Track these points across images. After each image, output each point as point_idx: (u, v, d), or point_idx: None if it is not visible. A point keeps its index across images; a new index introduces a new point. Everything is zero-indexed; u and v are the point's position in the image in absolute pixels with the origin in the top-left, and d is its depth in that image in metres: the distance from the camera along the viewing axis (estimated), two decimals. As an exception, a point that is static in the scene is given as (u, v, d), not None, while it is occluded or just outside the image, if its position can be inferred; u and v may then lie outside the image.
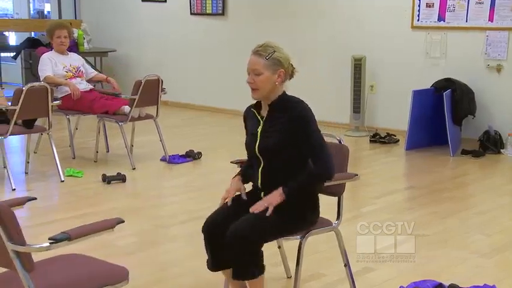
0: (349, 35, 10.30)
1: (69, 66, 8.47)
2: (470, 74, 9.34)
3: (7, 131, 7.19)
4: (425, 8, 9.74)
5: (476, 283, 4.83)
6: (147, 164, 8.38)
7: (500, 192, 7.61)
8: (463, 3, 9.38)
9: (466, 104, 9.12)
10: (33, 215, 6.35)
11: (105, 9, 13.63)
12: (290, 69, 4.17)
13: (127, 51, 13.34)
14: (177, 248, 5.87)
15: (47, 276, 3.47)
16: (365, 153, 9.17)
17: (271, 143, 4.08)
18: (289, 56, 4.14)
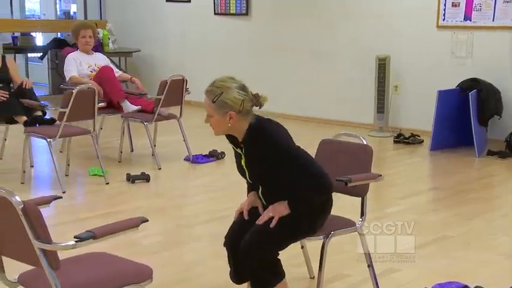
0: (373, 35, 10.28)
1: (94, 65, 8.52)
2: (496, 74, 9.31)
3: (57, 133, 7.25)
4: (451, 8, 9.70)
5: (502, 286, 4.82)
6: (170, 164, 8.40)
7: (527, 193, 7.59)
8: (490, 2, 9.34)
9: (493, 105, 9.09)
10: (59, 214, 6.38)
11: (130, 10, 13.69)
12: (245, 106, 4.09)
13: (151, 51, 13.38)
14: (200, 248, 5.89)
15: (72, 275, 3.51)
16: (389, 154, 9.15)
17: (258, 174, 4.09)
18: (240, 92, 4.10)
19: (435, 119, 9.09)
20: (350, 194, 4.45)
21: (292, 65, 11.28)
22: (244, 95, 4.11)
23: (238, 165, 4.22)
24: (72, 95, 7.18)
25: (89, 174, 7.87)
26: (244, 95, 4.11)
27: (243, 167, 4.14)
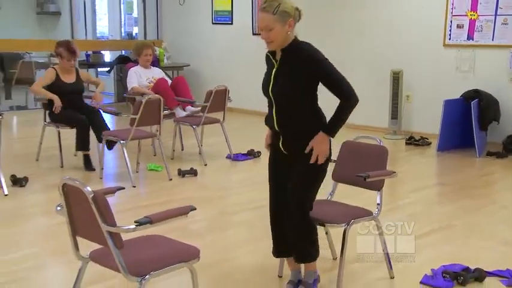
0: (388, 51, 10.26)
1: (152, 78, 8.62)
2: (495, 86, 9.24)
3: (128, 136, 7.33)
4: (456, 29, 9.65)
5: (499, 267, 4.82)
6: (214, 161, 8.42)
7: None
8: (490, 24, 9.29)
9: (491, 112, 9.05)
10: (123, 201, 6.45)
11: (182, 31, 13.74)
12: (297, 14, 4.03)
13: (199, 65, 13.42)
14: (239, 233, 5.92)
15: (133, 253, 3.55)
16: (401, 154, 9.11)
17: (283, 86, 4.04)
18: (293, 2, 4.01)
19: (441, 124, 9.04)
20: (368, 188, 4.46)
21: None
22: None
23: (265, 76, 4.20)
24: (142, 103, 7.28)
25: (147, 169, 7.97)
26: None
27: (270, 78, 4.10)
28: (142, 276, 3.42)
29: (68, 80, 7.76)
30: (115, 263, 3.40)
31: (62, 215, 3.62)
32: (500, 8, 9.19)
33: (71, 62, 7.73)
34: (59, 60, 7.72)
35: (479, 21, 9.44)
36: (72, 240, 3.65)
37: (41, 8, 17.13)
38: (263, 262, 4.94)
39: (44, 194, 6.95)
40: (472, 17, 9.51)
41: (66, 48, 7.72)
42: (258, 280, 4.72)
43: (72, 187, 3.43)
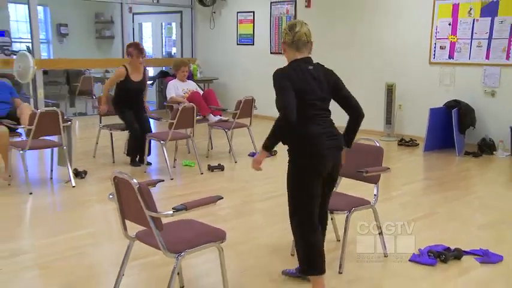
0: (384, 67, 10.21)
1: (187, 89, 8.63)
2: (471, 97, 9.18)
3: (167, 137, 7.35)
4: (439, 49, 9.60)
5: (474, 248, 4.81)
6: (239, 158, 8.39)
7: (494, 182, 7.49)
8: (467, 46, 9.24)
9: (469, 119, 9.02)
10: (162, 191, 6.47)
11: (212, 51, 13.75)
12: (287, 38, 3.86)
13: (226, 79, 13.41)
14: (258, 218, 5.92)
15: (171, 234, 3.57)
16: (394, 153, 9.05)
17: None
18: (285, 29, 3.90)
19: (427, 128, 9.02)
20: (367, 182, 4.46)
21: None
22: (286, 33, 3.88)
23: None
24: (178, 110, 7.30)
25: (182, 165, 7.96)
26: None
27: None
28: (178, 253, 3.42)
29: (136, 79, 7.70)
30: (156, 242, 3.41)
31: (113, 202, 3.64)
32: (475, 33, 9.14)
33: (139, 59, 7.66)
34: (130, 59, 7.67)
35: (458, 44, 9.38)
36: (122, 222, 3.67)
37: (99, 34, 17.25)
38: (278, 242, 4.95)
39: (99, 184, 6.98)
40: (452, 40, 9.45)
41: (136, 48, 7.71)
42: (273, 257, 4.70)
43: (122, 179, 3.44)
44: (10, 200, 6.34)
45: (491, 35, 9.00)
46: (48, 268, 4.50)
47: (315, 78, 3.77)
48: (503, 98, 9.00)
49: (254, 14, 12.64)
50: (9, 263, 4.56)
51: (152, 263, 4.40)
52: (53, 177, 7.23)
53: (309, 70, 3.79)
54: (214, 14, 13.49)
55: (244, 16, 12.86)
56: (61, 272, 4.43)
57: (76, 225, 5.53)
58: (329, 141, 3.75)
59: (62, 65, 13.76)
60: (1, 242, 5.01)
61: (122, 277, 3.81)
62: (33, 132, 6.54)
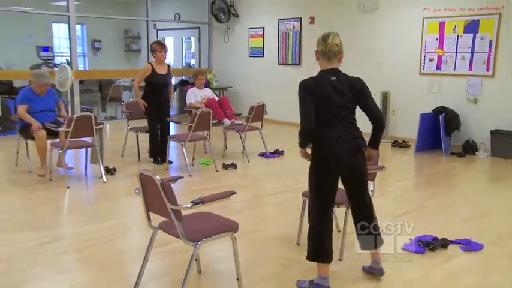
0: (379, 77, 10.15)
1: (204, 96, 8.62)
2: (456, 104, 9.15)
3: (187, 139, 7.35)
4: (428, 61, 9.56)
5: (458, 237, 4.81)
6: (250, 157, 8.39)
7: (476, 180, 7.46)
8: (452, 59, 9.22)
9: (454, 123, 9.00)
10: (182, 186, 6.46)
11: (226, 62, 13.74)
12: (319, 48, 3.80)
13: (239, 87, 13.39)
14: (268, 211, 5.91)
15: (190, 225, 3.57)
16: (388, 154, 9.02)
17: None
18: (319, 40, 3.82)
19: (418, 131, 9.00)
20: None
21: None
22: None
23: None
24: (196, 115, 7.32)
25: (200, 163, 7.95)
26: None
27: None
28: (196, 242, 3.43)
29: (161, 71, 7.68)
30: (177, 232, 3.42)
31: (139, 196, 3.65)
32: (459, 48, 9.12)
33: (162, 53, 7.65)
34: (154, 55, 7.67)
35: (444, 57, 9.34)
36: (146, 214, 3.67)
37: (127, 47, 17.33)
38: (286, 232, 4.95)
39: (126, 180, 6.99)
40: (439, 53, 9.41)
41: (158, 43, 7.76)
42: (281, 245, 4.70)
43: (146, 176, 3.45)
44: (51, 194, 6.38)
45: (473, 49, 8.97)
46: (84, 252, 4.53)
47: (335, 87, 3.70)
48: (484, 105, 8.96)
49: (264, 29, 12.61)
50: (51, 248, 4.61)
51: (173, 250, 4.41)
52: (87, 173, 7.27)
53: (330, 81, 3.71)
54: (229, 30, 13.49)
55: (255, 31, 12.85)
56: (94, 256, 4.46)
57: (107, 216, 5.56)
58: (346, 143, 3.71)
59: (95, 75, 13.87)
60: (43, 229, 5.06)
61: (147, 262, 3.81)
62: (70, 134, 6.59)
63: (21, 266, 4.23)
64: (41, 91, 7.10)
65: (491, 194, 6.76)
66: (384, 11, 10.17)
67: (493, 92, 8.86)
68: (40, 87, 7.07)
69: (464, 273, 4.19)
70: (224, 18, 13.36)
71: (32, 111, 6.99)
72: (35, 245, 4.66)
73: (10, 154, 8.20)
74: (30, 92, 7.08)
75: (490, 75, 8.84)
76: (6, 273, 4.12)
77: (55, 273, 4.14)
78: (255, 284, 3.91)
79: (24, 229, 5.09)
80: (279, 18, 12.17)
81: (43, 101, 7.11)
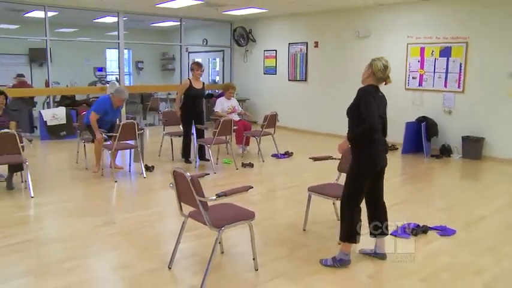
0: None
1: (230, 105, 8.58)
2: (435, 114, 9.09)
3: (212, 142, 7.39)
4: (412, 79, 9.50)
5: (436, 224, 4.80)
6: (266, 158, 8.37)
7: (450, 177, 7.40)
8: (431, 77, 9.17)
9: (433, 130, 8.94)
10: (208, 182, 6.45)
11: (245, 78, 13.72)
12: (379, 73, 3.82)
13: (255, 99, 13.35)
14: (280, 203, 5.90)
15: (215, 213, 3.57)
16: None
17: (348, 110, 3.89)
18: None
19: (404, 136, 8.94)
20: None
21: (329, 106, 11.17)
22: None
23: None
24: (220, 122, 7.35)
25: (222, 162, 7.95)
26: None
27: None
28: (220, 228, 3.44)
29: (197, 86, 7.70)
30: (204, 219, 3.43)
31: (173, 189, 3.67)
32: (436, 68, 9.07)
33: (199, 72, 7.67)
34: (192, 73, 7.69)
35: (425, 75, 9.27)
36: (179, 204, 3.69)
37: (164, 67, 17.41)
38: (294, 221, 4.94)
39: (163, 176, 7.02)
40: (421, 72, 9.34)
41: (196, 64, 7.78)
42: (290, 231, 4.70)
43: (179, 173, 3.47)
44: (101, 186, 6.44)
45: (447, 70, 8.93)
46: (128, 234, 4.56)
47: (380, 102, 3.81)
48: (457, 116, 8.88)
49: (276, 51, 12.59)
50: (103, 230, 4.66)
51: (200, 234, 4.41)
52: (130, 170, 7.31)
53: (379, 95, 3.84)
54: (247, 52, 13.49)
55: (269, 53, 12.83)
56: (137, 238, 4.48)
57: (146, 205, 5.59)
58: (382, 146, 3.82)
59: (138, 89, 13.97)
60: (96, 215, 5.11)
61: (179, 243, 3.84)
62: (118, 138, 6.64)
63: (81, 244, 4.29)
64: (117, 105, 6.98)
65: (462, 188, 6.71)
66: (376, 37, 10.13)
67: (463, 105, 8.80)
68: (119, 101, 6.93)
69: (441, 254, 4.17)
70: (244, 42, 13.37)
71: (103, 118, 6.91)
72: (90, 228, 4.71)
73: (72, 154, 8.32)
74: (109, 104, 6.94)
75: (461, 91, 8.79)
76: (70, 249, 4.19)
77: (106, 250, 4.19)
78: (268, 263, 3.91)
79: (82, 215, 5.15)
80: (289, 42, 12.14)
81: (114, 114, 7.06)
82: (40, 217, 5.22)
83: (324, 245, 4.29)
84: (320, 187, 4.58)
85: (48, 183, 6.49)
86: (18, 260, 3.95)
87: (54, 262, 3.91)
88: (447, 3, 8.94)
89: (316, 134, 11.32)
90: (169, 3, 10.27)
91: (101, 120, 6.92)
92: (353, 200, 3.78)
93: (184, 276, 3.70)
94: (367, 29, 10.28)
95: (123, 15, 11.64)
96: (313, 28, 11.54)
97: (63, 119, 10.26)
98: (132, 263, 3.90)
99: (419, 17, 9.36)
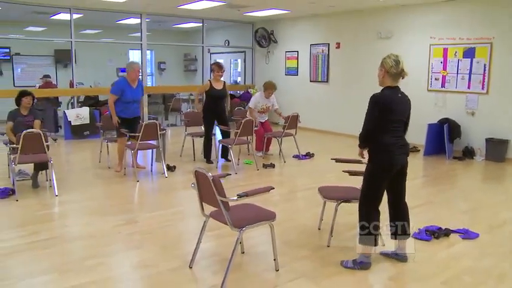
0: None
1: (264, 105, 8.53)
2: (458, 116, 8.96)
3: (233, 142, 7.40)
4: (434, 80, 9.38)
5: (458, 227, 4.74)
6: (287, 159, 8.35)
7: (473, 179, 7.31)
8: (454, 79, 9.03)
9: (456, 132, 8.83)
10: (229, 182, 6.47)
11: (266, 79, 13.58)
12: (392, 70, 3.75)
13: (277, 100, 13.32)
14: (300, 204, 5.89)
15: (236, 213, 3.58)
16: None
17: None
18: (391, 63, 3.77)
19: (426, 138, 8.85)
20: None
21: (351, 107, 11.10)
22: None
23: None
24: (242, 123, 7.37)
25: (244, 163, 7.95)
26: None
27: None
28: (241, 228, 3.44)
29: (218, 87, 7.72)
30: (225, 219, 3.44)
31: (194, 189, 3.68)
32: (460, 69, 8.94)
33: (219, 73, 7.68)
34: (212, 74, 7.72)
35: (448, 76, 9.15)
36: (200, 204, 3.71)
37: (186, 68, 17.50)
38: (315, 222, 4.90)
39: (184, 176, 7.06)
40: (443, 73, 9.22)
41: (217, 65, 7.79)
42: (308, 230, 4.69)
43: (200, 173, 3.48)
44: (124, 185, 6.50)
45: (471, 71, 8.79)
46: (150, 233, 4.60)
47: (399, 103, 3.77)
48: (480, 117, 8.74)
49: (298, 52, 12.56)
50: (125, 229, 4.71)
51: (221, 234, 4.42)
52: (152, 170, 7.37)
53: (398, 97, 3.78)
54: (269, 53, 13.48)
55: (290, 54, 12.81)
56: (159, 236, 4.52)
57: (168, 205, 5.63)
58: (399, 149, 3.76)
59: (160, 90, 14.11)
60: (119, 214, 5.17)
61: (200, 243, 3.86)
62: (140, 138, 6.69)
63: (103, 242, 4.35)
64: (134, 78, 6.90)
65: (485, 190, 6.61)
66: (398, 38, 10.03)
67: (487, 106, 8.66)
68: (134, 74, 6.87)
69: (463, 257, 4.11)
70: (265, 43, 13.37)
71: (123, 100, 6.86)
72: (112, 226, 4.77)
73: (95, 153, 8.43)
74: (124, 82, 6.90)
75: (485, 92, 8.65)
76: (92, 247, 4.25)
77: (127, 249, 4.23)
78: (289, 263, 3.90)
79: (104, 213, 5.21)
80: (311, 44, 12.10)
81: (133, 92, 6.93)
82: (64, 215, 5.30)
83: (344, 245, 4.26)
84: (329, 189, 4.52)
85: (71, 182, 6.58)
86: (42, 256, 4.02)
87: (77, 259, 3.96)
88: (471, 3, 8.81)
89: (338, 134, 11.25)
90: (191, 5, 10.34)
91: (124, 107, 6.90)
92: (368, 200, 3.76)
93: (205, 275, 3.71)
94: (389, 30, 10.19)
95: (146, 17, 11.75)
96: (335, 29, 11.49)
97: (87, 119, 10.40)
98: (153, 262, 3.93)
99: (442, 18, 9.24)
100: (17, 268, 3.80)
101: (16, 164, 5.78)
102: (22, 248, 4.18)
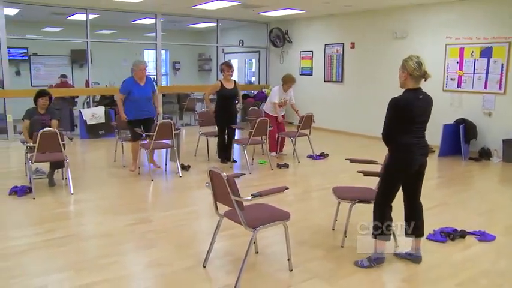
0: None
1: (283, 98, 8.54)
2: (474, 116, 8.86)
3: (247, 142, 7.40)
4: (450, 80, 9.29)
5: (474, 229, 4.68)
6: (301, 159, 8.32)
7: (489, 181, 7.23)
8: (470, 79, 8.94)
9: (472, 133, 8.73)
10: (243, 182, 6.45)
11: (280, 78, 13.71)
12: (415, 72, 3.73)
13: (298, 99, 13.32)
14: (314, 204, 5.88)
15: (250, 213, 3.58)
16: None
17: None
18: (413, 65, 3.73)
19: (442, 139, 8.75)
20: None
21: (365, 107, 11.05)
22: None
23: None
24: (256, 123, 7.36)
25: (258, 163, 7.95)
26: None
27: None
28: (255, 228, 3.44)
29: (228, 87, 7.72)
30: (239, 219, 3.44)
31: (209, 188, 3.69)
32: (476, 69, 8.85)
33: (229, 72, 7.67)
34: (222, 74, 7.71)
35: (464, 76, 9.06)
36: (214, 204, 3.71)
37: (200, 68, 17.57)
38: (329, 222, 4.87)
39: (198, 175, 7.07)
40: (460, 73, 9.13)
41: (226, 65, 7.76)
42: (322, 231, 4.68)
43: (215, 172, 3.49)
44: (138, 184, 6.54)
45: (487, 71, 8.70)
46: (165, 232, 4.62)
47: (420, 106, 3.74)
48: (497, 118, 8.65)
49: (312, 52, 12.52)
50: (139, 228, 4.73)
51: (235, 234, 4.42)
52: (167, 169, 7.39)
53: (419, 99, 3.74)
54: (283, 53, 13.46)
55: (305, 54, 12.78)
56: (173, 235, 4.54)
57: (182, 204, 5.65)
58: (419, 149, 3.74)
59: (175, 90, 14.18)
60: (133, 213, 5.20)
61: (214, 242, 3.86)
62: (155, 137, 6.73)
63: (117, 241, 4.38)
64: (141, 77, 6.92)
65: (502, 192, 6.54)
66: (413, 38, 9.95)
67: (504, 106, 8.55)
68: (141, 72, 6.90)
69: (479, 260, 4.07)
70: (280, 43, 13.35)
71: (131, 99, 6.87)
72: (127, 225, 4.80)
73: (110, 152, 8.49)
74: (131, 81, 6.93)
75: (502, 92, 8.54)
76: (107, 245, 4.28)
77: (141, 248, 4.25)
78: (303, 263, 3.90)
79: (119, 212, 5.25)
80: (325, 43, 12.06)
81: (142, 89, 6.93)
82: (79, 213, 5.35)
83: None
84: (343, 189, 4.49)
85: (87, 181, 6.64)
86: (58, 254, 4.06)
87: (92, 258, 4.00)
88: (487, 3, 8.71)
89: (352, 135, 11.20)
90: (205, 5, 10.36)
91: (135, 106, 6.90)
92: (383, 198, 3.79)
93: (219, 275, 3.72)
94: (404, 30, 10.12)
95: (161, 17, 11.81)
96: (350, 29, 11.44)
97: (102, 118, 10.49)
98: (166, 261, 3.94)
99: (458, 17, 9.15)
100: (33, 265, 3.85)
101: (33, 162, 5.84)
102: (38, 246, 4.23)
